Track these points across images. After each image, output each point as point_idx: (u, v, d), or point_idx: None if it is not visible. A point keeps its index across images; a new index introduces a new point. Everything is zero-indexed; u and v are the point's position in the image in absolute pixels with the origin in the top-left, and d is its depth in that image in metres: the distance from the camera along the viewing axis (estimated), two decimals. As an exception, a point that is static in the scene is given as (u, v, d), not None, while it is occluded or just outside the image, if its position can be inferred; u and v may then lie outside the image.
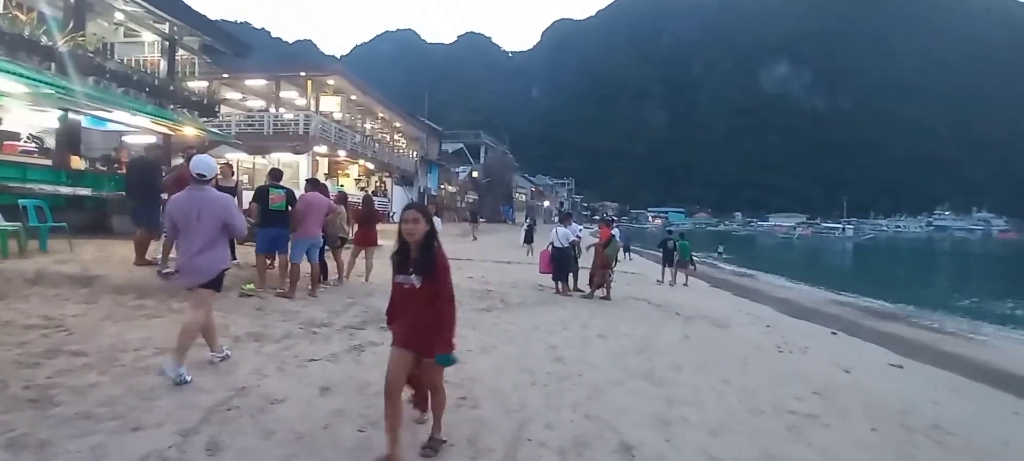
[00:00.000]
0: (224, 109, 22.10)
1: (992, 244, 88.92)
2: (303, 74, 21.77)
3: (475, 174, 50.55)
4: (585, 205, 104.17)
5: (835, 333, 9.80)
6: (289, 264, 6.41)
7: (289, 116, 21.80)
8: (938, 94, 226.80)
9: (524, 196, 67.66)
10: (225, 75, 20.89)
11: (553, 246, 9.31)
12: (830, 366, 6.21)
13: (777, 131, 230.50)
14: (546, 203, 74.08)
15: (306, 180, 7.25)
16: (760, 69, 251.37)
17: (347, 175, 26.92)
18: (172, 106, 13.50)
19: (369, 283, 7.96)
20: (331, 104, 23.45)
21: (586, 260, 9.92)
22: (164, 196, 6.61)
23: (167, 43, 13.86)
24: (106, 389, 3.13)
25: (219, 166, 9.96)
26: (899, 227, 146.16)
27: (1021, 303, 17.23)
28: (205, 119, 15.10)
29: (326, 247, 7.72)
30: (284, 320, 5.17)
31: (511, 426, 3.20)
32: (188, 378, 3.31)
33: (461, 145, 52.48)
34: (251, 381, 3.47)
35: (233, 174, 8.82)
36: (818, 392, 4.78)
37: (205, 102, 15.13)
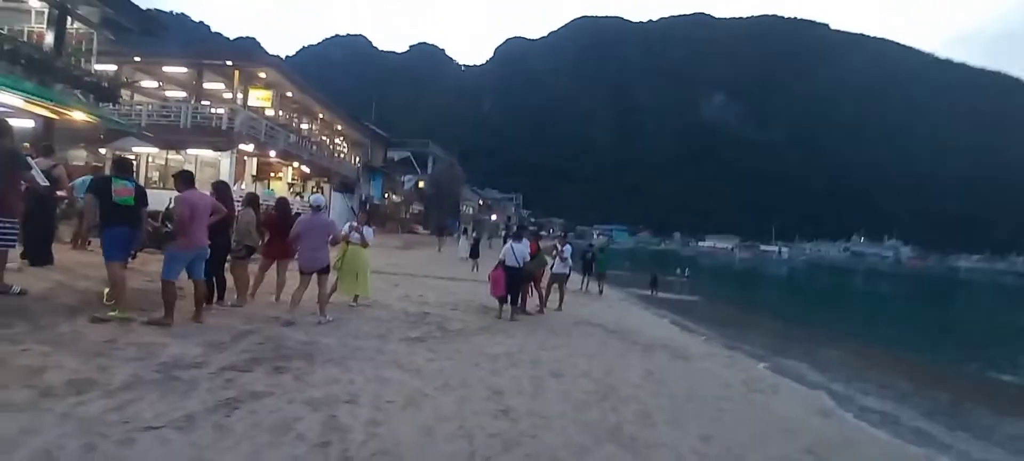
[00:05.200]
0: (136, 97, 19.65)
1: (903, 270, 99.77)
2: (230, 63, 19.69)
3: (421, 184, 48.84)
4: (532, 220, 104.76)
5: (766, 364, 9.33)
6: (150, 282, 4.99)
7: (212, 109, 19.63)
8: (855, 131, 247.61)
9: (471, 209, 66.41)
10: (137, 58, 18.58)
11: (505, 264, 8.06)
12: (808, 411, 5.55)
13: (713, 158, 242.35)
14: (494, 217, 73.23)
15: (181, 173, 5.28)
16: (700, 99, 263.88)
17: (279, 178, 24.79)
18: (60, 86, 11.50)
19: (279, 303, 6.63)
20: (262, 99, 21.33)
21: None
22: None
23: (57, 11, 11.81)
24: None
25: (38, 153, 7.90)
26: (820, 252, 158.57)
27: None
28: (104, 105, 13.12)
29: (228, 258, 6.36)
30: (137, 358, 3.80)
31: (435, 547, 2.13)
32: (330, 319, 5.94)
33: (408, 153, 50.49)
34: (28, 472, 2.21)
35: (53, 154, 7.28)
36: (811, 451, 4.03)
37: (105, 85, 13.13)
